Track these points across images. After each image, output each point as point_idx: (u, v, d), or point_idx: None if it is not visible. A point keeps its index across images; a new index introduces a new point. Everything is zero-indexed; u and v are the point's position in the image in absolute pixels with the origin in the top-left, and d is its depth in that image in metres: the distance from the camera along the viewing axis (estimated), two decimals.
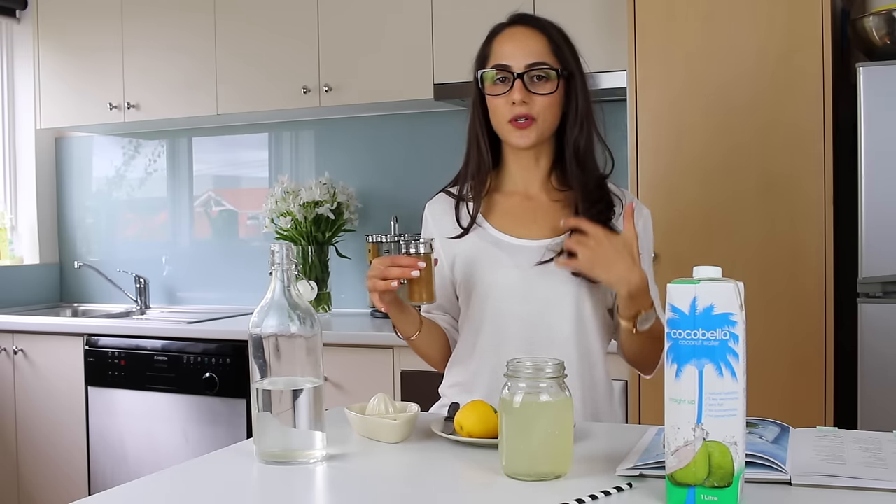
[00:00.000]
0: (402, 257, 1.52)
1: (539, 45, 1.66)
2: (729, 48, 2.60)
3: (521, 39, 1.67)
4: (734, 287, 1.05)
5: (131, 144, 4.21)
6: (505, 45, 1.67)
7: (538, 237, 1.68)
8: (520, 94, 1.63)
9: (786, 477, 1.14)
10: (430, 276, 1.54)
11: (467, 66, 1.75)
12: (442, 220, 1.75)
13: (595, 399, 1.68)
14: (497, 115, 1.67)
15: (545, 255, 1.64)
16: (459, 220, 1.72)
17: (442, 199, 1.79)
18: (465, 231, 1.71)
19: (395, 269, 1.51)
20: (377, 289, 1.53)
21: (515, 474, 1.20)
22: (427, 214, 1.80)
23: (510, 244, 1.68)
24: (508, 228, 1.70)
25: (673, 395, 1.06)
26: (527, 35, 1.67)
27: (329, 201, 3.50)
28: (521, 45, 1.66)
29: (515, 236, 1.69)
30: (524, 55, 1.65)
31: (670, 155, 2.67)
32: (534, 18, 1.70)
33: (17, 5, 4.16)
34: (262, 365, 1.30)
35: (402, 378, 2.96)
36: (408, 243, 1.54)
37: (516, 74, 1.63)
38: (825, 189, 2.50)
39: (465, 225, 1.71)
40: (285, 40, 3.46)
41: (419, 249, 1.53)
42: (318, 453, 1.31)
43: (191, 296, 4.08)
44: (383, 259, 1.54)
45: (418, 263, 1.51)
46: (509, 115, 1.64)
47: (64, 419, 3.52)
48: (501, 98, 1.65)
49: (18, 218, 4.32)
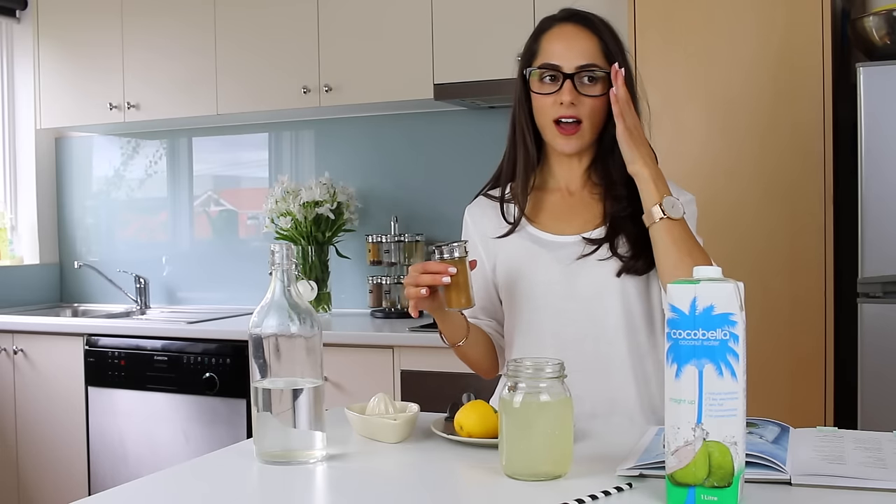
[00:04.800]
0: (432, 263, 1.48)
1: (590, 46, 1.61)
2: (729, 48, 2.60)
3: (572, 39, 1.61)
4: (734, 287, 1.05)
5: (131, 144, 4.21)
6: (555, 44, 1.62)
7: (577, 232, 1.65)
8: (569, 96, 1.58)
9: (786, 477, 1.14)
10: (467, 280, 1.49)
11: (467, 66, 1.73)
12: (482, 223, 1.72)
13: (650, 392, 1.63)
14: (543, 115, 1.63)
15: (585, 248, 1.62)
16: (507, 220, 1.69)
17: (482, 202, 1.75)
18: (512, 228, 1.67)
19: (426, 276, 1.47)
20: (410, 296, 1.50)
21: (515, 474, 1.20)
22: (467, 219, 1.76)
23: (550, 241, 1.65)
24: (548, 226, 1.67)
25: (673, 395, 1.06)
26: (578, 35, 1.62)
27: (329, 201, 3.49)
28: (572, 45, 1.60)
29: (554, 233, 1.66)
30: (575, 56, 1.59)
31: (670, 155, 2.66)
32: (585, 17, 1.64)
33: (17, 5, 4.16)
34: (262, 365, 1.30)
35: (402, 378, 2.96)
36: (439, 248, 1.48)
37: (566, 75, 1.59)
38: (825, 189, 2.50)
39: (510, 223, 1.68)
40: (285, 40, 3.46)
41: (453, 254, 1.47)
42: (318, 453, 1.31)
43: (191, 296, 4.08)
44: (417, 265, 1.50)
45: (449, 269, 1.46)
46: (556, 114, 1.60)
47: (64, 419, 3.52)
48: (550, 98, 1.60)
49: (18, 218, 4.32)
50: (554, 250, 1.64)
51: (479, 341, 1.70)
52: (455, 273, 1.46)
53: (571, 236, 1.65)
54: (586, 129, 1.61)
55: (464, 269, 1.49)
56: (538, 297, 1.63)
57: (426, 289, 1.48)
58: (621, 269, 1.60)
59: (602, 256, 1.61)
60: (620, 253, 1.60)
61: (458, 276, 1.47)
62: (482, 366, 1.73)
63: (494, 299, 1.72)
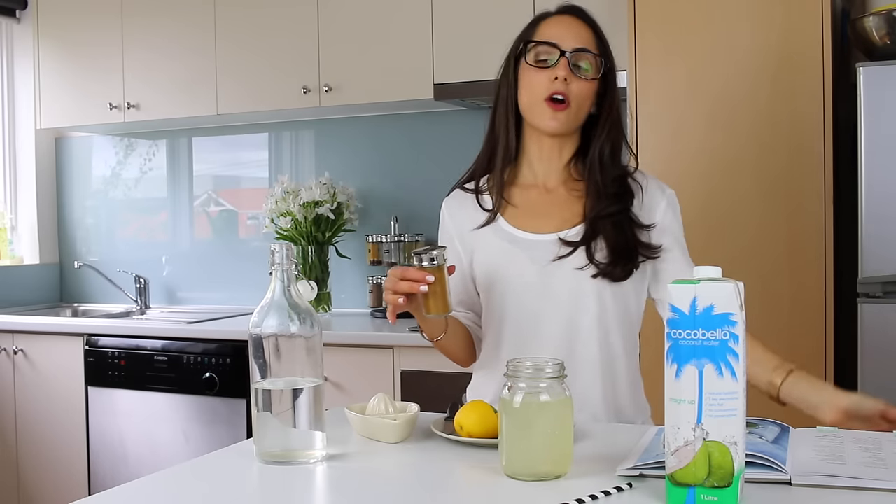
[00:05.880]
0: (411, 270, 1.48)
1: (587, 35, 1.66)
2: (729, 48, 2.60)
3: (570, 26, 1.66)
4: (734, 287, 1.05)
5: (131, 144, 4.21)
6: (553, 28, 1.66)
7: (553, 230, 1.66)
8: (564, 72, 1.61)
9: (786, 477, 1.14)
10: (444, 287, 1.49)
11: (467, 66, 1.74)
12: (459, 216, 1.74)
13: (616, 395, 1.65)
14: (534, 93, 1.64)
15: (561, 249, 1.63)
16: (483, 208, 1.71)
17: (458, 194, 1.77)
18: (491, 216, 1.68)
19: (404, 283, 1.48)
20: (389, 302, 1.51)
21: (515, 474, 1.20)
22: (444, 211, 1.78)
23: (526, 239, 1.66)
24: (523, 223, 1.68)
25: (673, 395, 1.06)
26: (576, 24, 1.67)
27: (329, 201, 3.50)
28: (570, 31, 1.65)
29: (530, 231, 1.67)
30: (573, 39, 1.64)
31: (670, 155, 2.67)
32: (583, 11, 1.70)
33: (17, 5, 4.16)
34: (262, 365, 1.30)
35: (402, 378, 2.96)
36: (418, 255, 1.48)
37: (563, 52, 1.62)
38: (825, 189, 2.50)
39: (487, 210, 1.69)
40: (285, 40, 3.46)
41: (432, 262, 1.47)
42: (318, 453, 1.31)
43: (191, 296, 4.08)
44: (395, 271, 1.50)
45: (427, 277, 1.46)
46: (549, 90, 1.62)
47: (64, 419, 3.52)
48: (544, 73, 1.63)
49: (18, 218, 4.32)
50: (529, 249, 1.65)
51: (457, 334, 1.72)
52: (433, 281, 1.47)
53: (548, 235, 1.66)
54: (573, 111, 1.64)
55: (442, 276, 1.48)
56: (513, 295, 1.65)
57: (403, 297, 1.48)
58: (597, 273, 1.61)
59: (578, 265, 1.62)
60: (598, 260, 1.61)
61: (435, 283, 1.47)
62: (460, 357, 1.76)
63: (472, 292, 1.74)
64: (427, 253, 1.48)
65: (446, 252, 1.51)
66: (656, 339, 1.65)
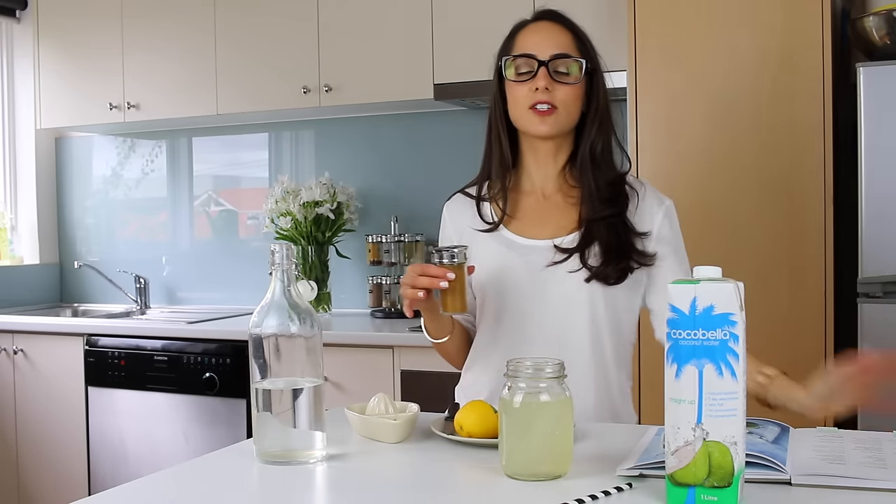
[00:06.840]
0: (431, 266, 1.48)
1: (565, 39, 1.66)
2: (729, 48, 2.60)
3: (547, 32, 1.66)
4: (734, 287, 1.05)
5: (131, 144, 4.21)
6: (530, 38, 1.67)
7: (548, 236, 1.67)
8: (544, 81, 1.61)
9: (786, 477, 1.14)
10: (463, 286, 1.49)
11: (467, 66, 1.75)
12: (459, 220, 1.75)
13: (611, 400, 1.66)
14: (518, 105, 1.65)
15: (556, 256, 1.64)
16: (483, 218, 1.72)
17: (459, 199, 1.78)
18: (494, 226, 1.69)
19: (424, 278, 1.48)
20: (406, 296, 1.51)
21: (515, 474, 1.20)
22: (445, 215, 1.79)
23: (522, 245, 1.67)
24: (521, 229, 1.69)
25: (673, 395, 1.06)
26: (553, 29, 1.67)
27: (329, 201, 3.50)
28: (546, 38, 1.65)
29: (527, 237, 1.68)
30: (550, 46, 1.64)
31: (670, 155, 2.67)
32: (559, 15, 1.70)
33: (17, 5, 4.16)
34: (262, 365, 1.30)
35: (402, 378, 2.96)
36: (440, 252, 1.49)
37: (541, 62, 1.62)
38: (825, 189, 2.50)
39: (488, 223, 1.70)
40: (285, 40, 3.46)
41: (453, 259, 1.48)
42: (318, 453, 1.31)
43: (191, 296, 4.08)
44: (416, 266, 1.51)
45: (447, 274, 1.46)
46: (531, 101, 1.62)
47: (64, 419, 3.52)
48: (525, 86, 1.63)
49: (18, 218, 4.32)
50: (525, 255, 1.66)
51: (459, 336, 1.73)
52: (453, 278, 1.47)
53: (543, 241, 1.66)
54: (561, 113, 1.64)
55: (461, 274, 1.49)
56: (507, 299, 1.66)
57: (423, 291, 1.48)
58: (590, 276, 1.61)
59: (572, 269, 1.62)
60: (591, 264, 1.62)
61: (455, 281, 1.47)
62: (458, 359, 1.76)
63: (471, 295, 1.73)
64: (448, 251, 1.49)
65: (468, 251, 1.52)
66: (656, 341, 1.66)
